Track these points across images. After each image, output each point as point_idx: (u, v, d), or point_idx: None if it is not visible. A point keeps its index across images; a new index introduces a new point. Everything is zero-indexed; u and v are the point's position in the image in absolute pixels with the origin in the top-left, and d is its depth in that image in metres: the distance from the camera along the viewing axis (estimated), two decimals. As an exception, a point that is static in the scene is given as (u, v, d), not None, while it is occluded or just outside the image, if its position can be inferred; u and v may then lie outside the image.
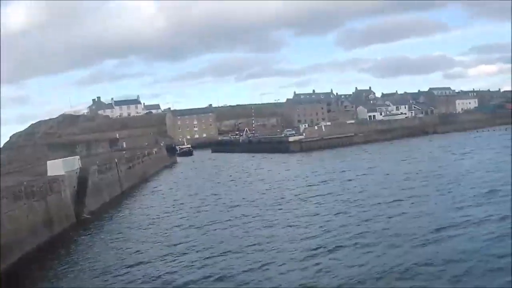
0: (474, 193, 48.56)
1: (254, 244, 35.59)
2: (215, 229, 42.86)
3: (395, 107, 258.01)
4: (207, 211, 53.19)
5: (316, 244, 34.21)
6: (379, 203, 47.73)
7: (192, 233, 42.33)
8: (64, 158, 60.58)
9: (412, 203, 46.66)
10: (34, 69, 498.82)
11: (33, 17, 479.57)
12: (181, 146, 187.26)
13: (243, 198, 59.46)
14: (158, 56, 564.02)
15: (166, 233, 43.59)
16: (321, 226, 39.72)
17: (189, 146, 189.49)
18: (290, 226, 41.14)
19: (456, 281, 25.03)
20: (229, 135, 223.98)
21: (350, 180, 68.51)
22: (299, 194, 58.73)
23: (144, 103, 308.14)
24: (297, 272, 28.52)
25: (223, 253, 34.18)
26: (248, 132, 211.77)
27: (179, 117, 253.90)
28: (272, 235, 38.16)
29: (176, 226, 46.32)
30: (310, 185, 66.55)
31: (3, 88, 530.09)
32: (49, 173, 51.70)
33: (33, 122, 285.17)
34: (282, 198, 57.13)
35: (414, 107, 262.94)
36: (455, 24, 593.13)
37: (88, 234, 45.76)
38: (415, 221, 38.53)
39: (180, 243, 38.56)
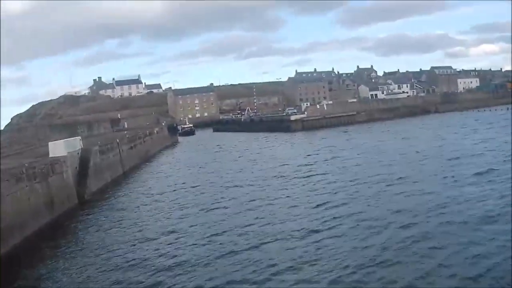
0: (474, 171, 48.73)
1: (253, 224, 35.75)
2: (216, 208, 43.12)
3: (397, 85, 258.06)
4: (207, 190, 53.28)
5: (317, 221, 34.44)
6: (379, 182, 47.94)
7: (193, 212, 42.57)
8: (66, 139, 60.59)
9: (412, 182, 46.85)
10: (34, 50, 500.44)
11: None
12: (183, 126, 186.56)
13: (244, 178, 59.61)
14: (158, 36, 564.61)
15: (167, 212, 43.78)
16: (321, 204, 39.88)
17: (191, 125, 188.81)
18: (290, 204, 41.30)
19: (453, 258, 25.22)
20: (231, 114, 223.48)
21: (351, 159, 68.74)
22: (299, 172, 59.06)
23: (145, 83, 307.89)
24: (298, 250, 28.71)
25: (224, 231, 34.41)
26: (250, 111, 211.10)
27: (180, 97, 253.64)
28: (272, 213, 38.39)
29: (177, 205, 46.50)
30: (311, 164, 66.86)
31: (1, 69, 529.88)
32: (51, 154, 51.70)
33: (34, 103, 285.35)
34: (283, 176, 57.42)
35: (416, 86, 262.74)
36: (457, 2, 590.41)
37: (90, 215, 45.92)
38: (415, 199, 38.76)
39: (181, 222, 38.80)
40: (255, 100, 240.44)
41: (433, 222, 31.56)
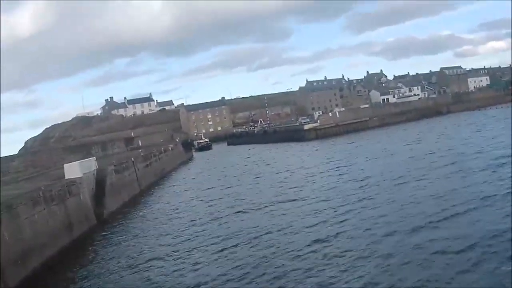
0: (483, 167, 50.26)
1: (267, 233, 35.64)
2: (228, 222, 43.27)
3: (407, 88, 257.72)
4: (222, 204, 53.09)
5: (326, 228, 34.37)
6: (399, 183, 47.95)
7: (208, 227, 42.51)
8: (81, 160, 60.57)
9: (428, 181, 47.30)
10: (43, 73, 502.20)
11: (40, 20, 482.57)
12: (199, 141, 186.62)
13: (259, 191, 59.25)
14: (167, 53, 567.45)
15: (186, 227, 43.74)
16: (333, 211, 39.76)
17: (207, 140, 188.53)
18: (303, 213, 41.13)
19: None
20: (244, 127, 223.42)
21: (367, 162, 69.23)
22: (316, 181, 58.82)
23: (157, 100, 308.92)
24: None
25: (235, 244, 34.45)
26: (263, 122, 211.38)
27: (192, 112, 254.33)
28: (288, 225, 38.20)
29: (193, 221, 46.45)
30: (324, 172, 67.13)
31: (13, 94, 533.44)
32: (67, 176, 51.69)
33: (47, 126, 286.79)
34: (298, 186, 57.31)
35: (427, 88, 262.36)
36: (461, 1, 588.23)
37: (109, 234, 45.91)
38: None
39: (196, 237, 38.95)
40: (267, 112, 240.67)
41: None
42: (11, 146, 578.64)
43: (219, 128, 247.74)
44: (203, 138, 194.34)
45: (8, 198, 36.52)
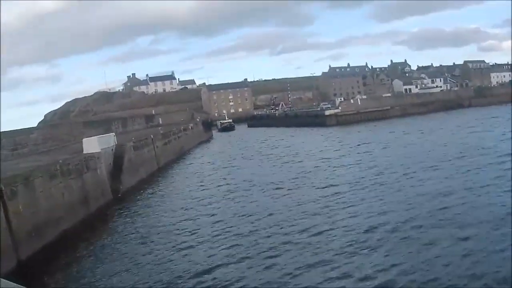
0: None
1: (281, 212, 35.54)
2: (238, 201, 43.34)
3: (430, 80, 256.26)
4: (239, 185, 53.06)
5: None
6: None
7: (222, 204, 42.98)
8: (100, 135, 60.67)
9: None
10: (67, 48, 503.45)
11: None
12: (222, 121, 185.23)
13: (280, 175, 59.11)
14: (191, 33, 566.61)
15: (201, 206, 43.87)
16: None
17: (231, 120, 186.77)
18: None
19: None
20: (265, 109, 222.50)
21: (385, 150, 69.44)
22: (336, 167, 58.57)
23: (179, 79, 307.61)
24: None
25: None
26: (284, 106, 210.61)
27: (214, 92, 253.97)
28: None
29: (210, 199, 46.88)
30: (342, 156, 67.87)
31: (35, 68, 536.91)
32: (85, 151, 51.75)
33: (68, 100, 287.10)
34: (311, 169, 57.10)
35: (450, 80, 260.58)
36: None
37: (125, 210, 46.16)
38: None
39: (209, 213, 38.96)
40: (289, 95, 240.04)
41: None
42: (31, 119, 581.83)
43: (240, 110, 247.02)
44: (226, 118, 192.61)
45: (25, 170, 36.69)
